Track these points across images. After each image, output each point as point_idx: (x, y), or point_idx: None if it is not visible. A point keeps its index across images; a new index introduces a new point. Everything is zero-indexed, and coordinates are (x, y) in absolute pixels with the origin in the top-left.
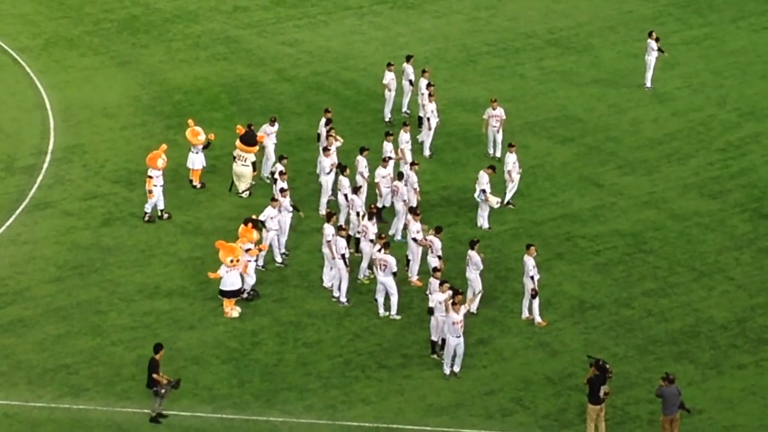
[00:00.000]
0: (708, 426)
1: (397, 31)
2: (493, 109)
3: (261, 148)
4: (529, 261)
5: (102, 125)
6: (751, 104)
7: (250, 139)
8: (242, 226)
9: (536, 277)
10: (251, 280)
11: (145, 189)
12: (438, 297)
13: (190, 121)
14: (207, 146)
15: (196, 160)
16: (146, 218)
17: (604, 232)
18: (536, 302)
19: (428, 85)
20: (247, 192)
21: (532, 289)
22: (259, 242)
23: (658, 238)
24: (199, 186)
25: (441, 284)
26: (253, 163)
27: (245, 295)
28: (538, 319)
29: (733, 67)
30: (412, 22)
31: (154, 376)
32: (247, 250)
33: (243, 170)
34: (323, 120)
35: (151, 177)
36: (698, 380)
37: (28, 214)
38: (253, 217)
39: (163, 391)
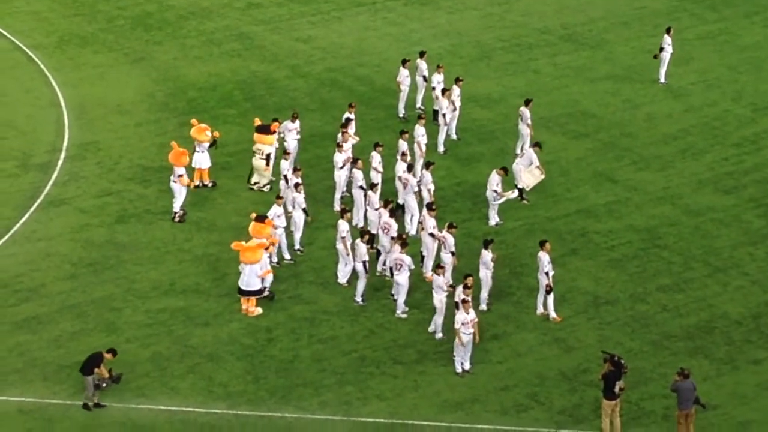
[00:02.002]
0: (723, 421)
1: (410, 27)
2: (529, 110)
3: (282, 146)
4: (544, 257)
5: (116, 122)
6: (766, 99)
7: (265, 129)
8: (255, 223)
9: (551, 273)
10: (270, 277)
11: (160, 186)
12: (458, 291)
13: (194, 120)
14: (213, 144)
15: (203, 160)
16: (176, 218)
17: (619, 227)
18: (551, 298)
19: (457, 80)
20: (268, 186)
21: (547, 285)
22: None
23: (672, 234)
24: (210, 185)
25: (465, 278)
26: (268, 156)
27: (266, 293)
28: (552, 314)
29: (748, 62)
30: (426, 17)
31: (96, 369)
32: (266, 248)
33: (258, 163)
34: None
35: (182, 175)
36: (713, 375)
37: (42, 211)
38: (265, 215)
39: (104, 384)
